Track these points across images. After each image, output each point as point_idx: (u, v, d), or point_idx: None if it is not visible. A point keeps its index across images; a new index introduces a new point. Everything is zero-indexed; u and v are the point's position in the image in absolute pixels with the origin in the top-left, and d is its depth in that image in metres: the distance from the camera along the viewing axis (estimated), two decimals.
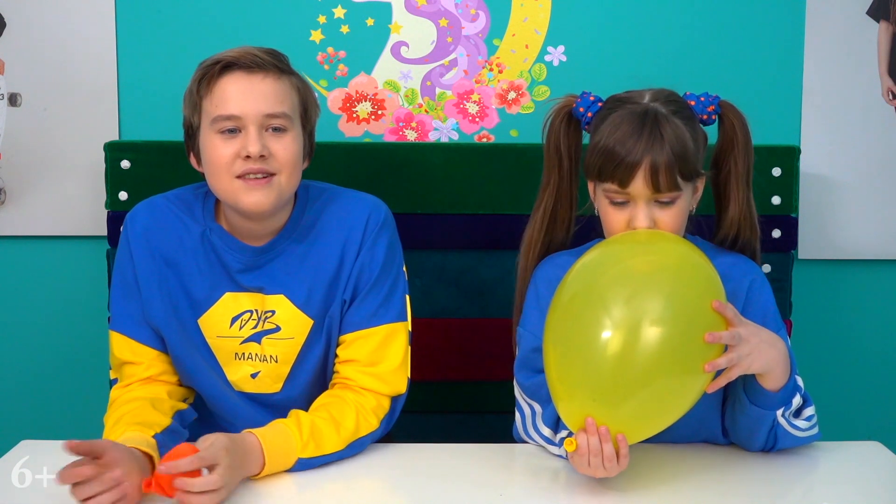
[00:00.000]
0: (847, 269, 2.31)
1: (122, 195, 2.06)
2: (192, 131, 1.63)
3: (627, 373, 1.35)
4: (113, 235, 2.06)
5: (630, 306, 1.37)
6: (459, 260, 2.10)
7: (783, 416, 1.51)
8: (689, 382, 1.39)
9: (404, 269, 1.70)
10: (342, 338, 1.65)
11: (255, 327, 1.65)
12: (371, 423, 1.59)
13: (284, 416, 1.66)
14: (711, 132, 1.60)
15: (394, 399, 1.64)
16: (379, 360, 1.63)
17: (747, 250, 1.64)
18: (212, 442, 1.39)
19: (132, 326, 1.64)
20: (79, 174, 2.21)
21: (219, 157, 1.56)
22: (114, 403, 1.62)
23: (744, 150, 1.58)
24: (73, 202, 2.22)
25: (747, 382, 1.51)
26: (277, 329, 1.65)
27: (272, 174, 1.57)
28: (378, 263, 1.65)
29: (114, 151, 2.06)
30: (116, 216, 2.05)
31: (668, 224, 1.51)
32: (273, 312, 1.64)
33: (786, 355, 1.49)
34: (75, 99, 2.20)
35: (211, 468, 1.37)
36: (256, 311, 1.64)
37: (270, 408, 1.68)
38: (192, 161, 1.65)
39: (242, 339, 1.65)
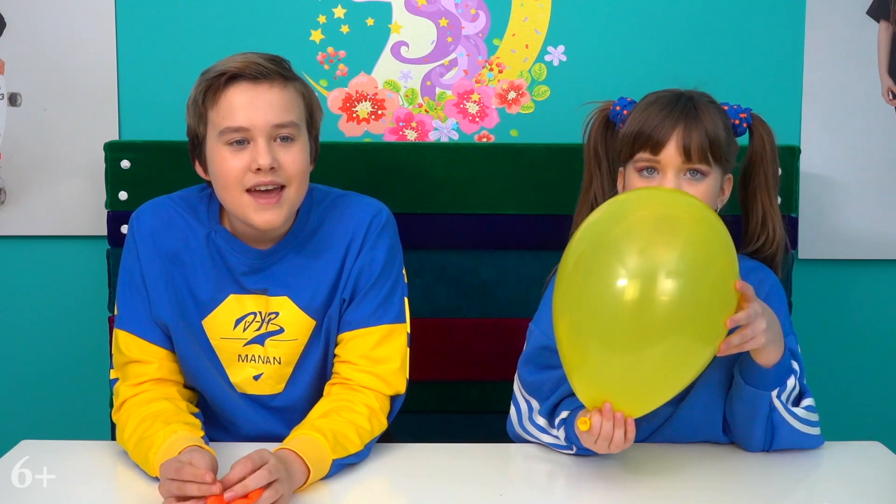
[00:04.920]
0: (847, 269, 2.31)
1: (122, 195, 2.05)
2: (197, 141, 1.62)
3: (646, 319, 1.35)
4: (113, 235, 2.06)
5: (645, 256, 1.37)
6: (459, 260, 2.10)
7: (778, 397, 1.52)
8: (705, 339, 1.39)
9: (404, 272, 1.71)
10: (340, 336, 1.65)
11: (258, 329, 1.65)
12: (382, 423, 1.60)
13: (286, 418, 1.66)
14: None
15: (393, 399, 1.65)
16: (379, 359, 1.63)
17: (775, 260, 1.68)
18: (261, 455, 1.37)
19: (141, 325, 1.64)
20: (79, 174, 2.21)
21: (228, 170, 1.56)
22: (128, 402, 1.60)
23: (772, 163, 1.66)
24: (73, 202, 2.21)
25: (742, 363, 1.53)
26: (281, 330, 1.65)
27: (282, 186, 1.57)
28: (378, 264, 1.65)
29: (114, 151, 2.06)
30: (116, 216, 2.05)
31: None
32: (277, 314, 1.64)
33: (780, 330, 1.52)
34: (75, 99, 2.19)
35: (268, 484, 1.35)
36: (260, 312, 1.64)
37: (272, 410, 1.68)
38: (199, 170, 1.65)
39: (246, 340, 1.65)
